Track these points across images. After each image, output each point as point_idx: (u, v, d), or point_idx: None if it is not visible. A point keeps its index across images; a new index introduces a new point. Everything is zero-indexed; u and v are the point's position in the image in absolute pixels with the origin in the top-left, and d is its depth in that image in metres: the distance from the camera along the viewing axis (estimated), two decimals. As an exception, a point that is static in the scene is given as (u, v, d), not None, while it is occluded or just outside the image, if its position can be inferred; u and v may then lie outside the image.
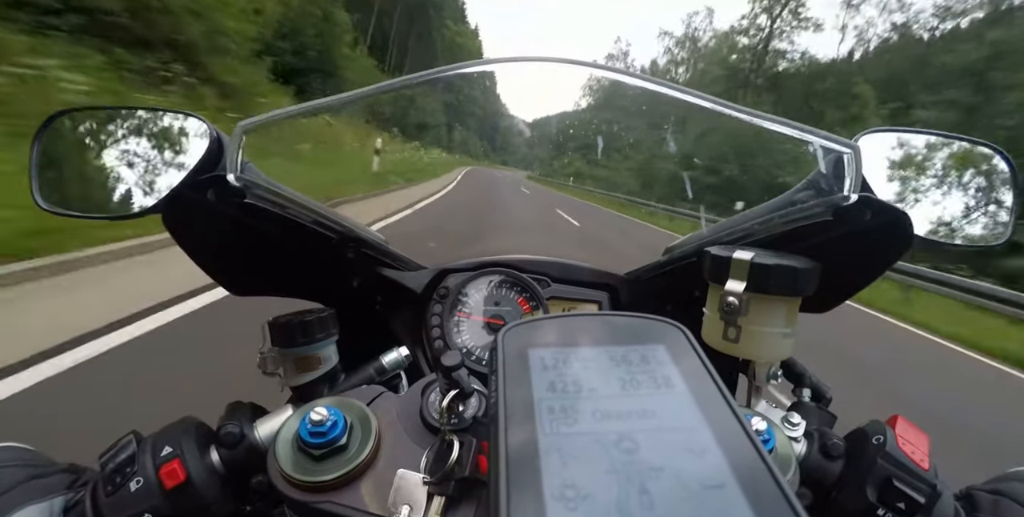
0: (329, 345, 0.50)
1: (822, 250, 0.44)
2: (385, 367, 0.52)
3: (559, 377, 0.24)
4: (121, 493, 0.36)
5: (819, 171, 0.47)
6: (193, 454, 0.39)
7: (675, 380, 0.24)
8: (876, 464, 0.41)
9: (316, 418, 0.35)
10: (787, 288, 0.42)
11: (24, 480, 0.37)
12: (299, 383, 0.48)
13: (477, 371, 0.66)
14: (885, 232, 0.44)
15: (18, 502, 0.35)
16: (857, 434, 0.45)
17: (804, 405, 0.52)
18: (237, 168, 0.42)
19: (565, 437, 0.21)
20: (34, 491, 0.36)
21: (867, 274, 0.49)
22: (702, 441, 0.21)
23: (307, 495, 0.34)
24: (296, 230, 0.52)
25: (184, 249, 0.48)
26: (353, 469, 0.35)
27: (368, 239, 0.61)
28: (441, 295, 0.72)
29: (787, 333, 0.43)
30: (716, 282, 0.44)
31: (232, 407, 0.45)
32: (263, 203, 0.45)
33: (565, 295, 0.75)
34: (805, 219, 0.46)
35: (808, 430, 0.45)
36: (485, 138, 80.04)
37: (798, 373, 0.54)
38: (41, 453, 0.42)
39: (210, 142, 0.46)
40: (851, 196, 0.42)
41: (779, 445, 0.42)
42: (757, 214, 0.52)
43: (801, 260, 0.42)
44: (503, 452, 0.20)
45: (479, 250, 0.81)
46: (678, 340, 0.27)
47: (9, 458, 0.39)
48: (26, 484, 0.36)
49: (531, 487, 0.18)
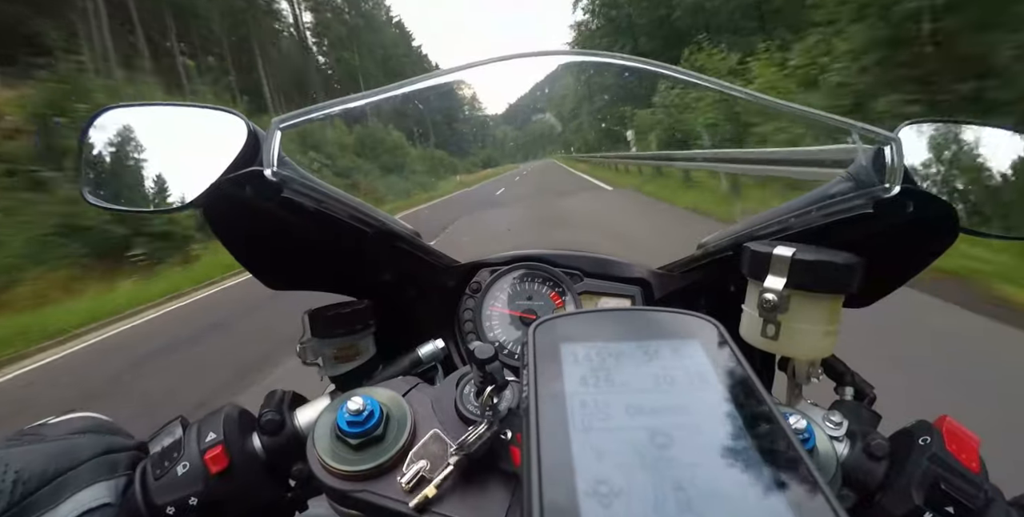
0: (367, 336, 0.51)
1: (862, 244, 0.43)
2: (421, 359, 0.52)
3: (591, 371, 0.24)
4: (169, 476, 0.38)
5: (859, 163, 0.45)
6: (236, 440, 0.40)
7: (709, 376, 0.24)
8: (923, 466, 0.39)
9: (353, 407, 0.36)
10: (830, 284, 0.40)
11: (99, 453, 0.38)
12: (338, 373, 0.50)
13: (510, 365, 0.66)
14: (928, 224, 0.42)
15: (88, 479, 0.37)
16: (902, 434, 0.43)
17: (846, 404, 0.51)
18: (274, 163, 0.43)
19: (598, 432, 0.21)
20: (104, 467, 0.38)
21: (910, 268, 0.47)
22: (737, 438, 0.20)
23: (345, 484, 0.35)
24: (332, 224, 0.53)
25: (223, 243, 0.50)
26: (388, 459, 0.35)
27: (402, 233, 0.62)
28: (473, 289, 0.73)
29: (829, 330, 0.42)
30: (755, 278, 0.43)
31: (272, 395, 0.47)
32: (300, 197, 0.46)
33: (597, 289, 0.75)
34: (845, 212, 0.44)
35: (851, 430, 0.44)
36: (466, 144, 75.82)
37: (840, 372, 0.53)
38: (116, 424, 0.43)
39: (247, 138, 0.47)
40: (893, 188, 0.40)
41: (820, 444, 0.41)
42: (794, 207, 0.51)
43: (844, 255, 0.40)
44: (535, 447, 0.20)
45: (512, 244, 0.83)
46: (712, 335, 0.26)
47: (87, 427, 0.41)
48: (99, 459, 0.38)
49: (564, 482, 0.19)
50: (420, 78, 0.47)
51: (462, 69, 0.47)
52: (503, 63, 0.46)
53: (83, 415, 0.42)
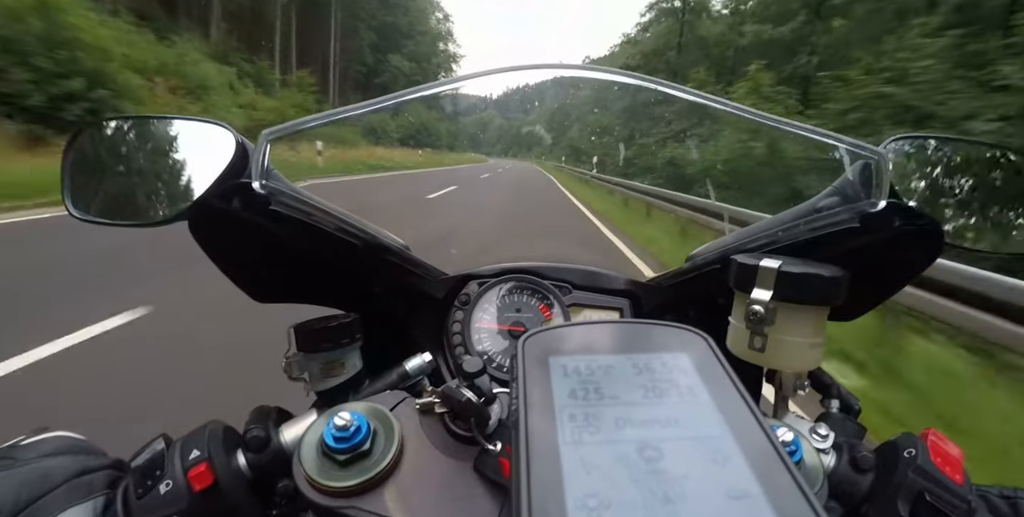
0: (354, 351, 0.50)
1: (849, 257, 0.43)
2: (408, 373, 0.52)
3: (580, 384, 0.24)
4: (152, 495, 0.37)
5: (845, 178, 0.46)
6: (221, 457, 0.40)
7: (698, 389, 0.24)
8: (908, 478, 0.40)
9: (340, 423, 0.36)
10: (816, 297, 0.41)
11: (73, 475, 0.37)
12: (324, 388, 0.49)
13: (498, 378, 0.66)
14: (914, 239, 0.43)
15: (62, 504, 0.35)
16: (888, 447, 0.44)
17: (832, 416, 0.51)
18: (262, 176, 0.43)
19: (587, 445, 0.21)
20: (79, 490, 0.37)
21: (896, 280, 0.48)
22: (726, 451, 0.20)
23: (332, 500, 0.35)
24: (320, 237, 0.52)
25: (210, 256, 0.49)
26: (376, 475, 0.35)
27: (391, 246, 0.62)
28: (462, 302, 0.72)
29: (815, 343, 0.42)
30: (742, 290, 0.43)
31: (257, 411, 0.46)
32: (288, 210, 0.46)
33: (586, 302, 0.75)
34: (831, 226, 0.45)
35: (837, 442, 0.44)
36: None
37: (826, 384, 0.53)
38: (90, 443, 0.42)
39: (235, 150, 0.47)
40: (879, 203, 0.41)
41: (806, 456, 0.41)
42: (781, 221, 0.52)
43: (830, 268, 0.41)
44: (524, 459, 0.20)
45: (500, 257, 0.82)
46: (701, 348, 0.27)
47: (60, 448, 0.39)
48: (73, 481, 0.37)
49: (553, 495, 0.18)
50: (415, 89, 0.47)
51: (458, 81, 0.48)
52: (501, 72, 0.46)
53: (56, 435, 0.41)
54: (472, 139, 69.91)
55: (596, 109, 33.59)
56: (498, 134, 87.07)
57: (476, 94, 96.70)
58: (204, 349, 2.99)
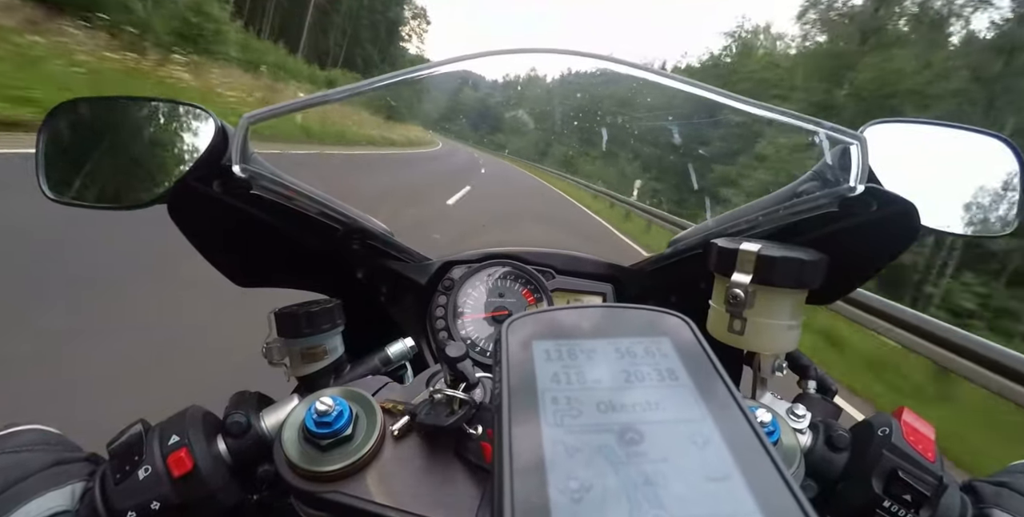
0: (335, 336, 0.50)
1: (828, 241, 0.44)
2: (391, 358, 0.52)
3: (563, 369, 0.24)
4: (130, 481, 0.37)
5: (825, 162, 0.46)
6: (200, 443, 0.39)
7: (679, 372, 0.24)
8: (882, 456, 0.41)
9: (322, 408, 0.35)
10: (794, 280, 0.41)
11: (48, 465, 0.37)
12: (305, 373, 0.49)
13: (481, 362, 0.66)
14: (892, 223, 0.43)
15: (39, 488, 0.35)
16: (862, 426, 0.45)
17: (809, 397, 0.52)
18: (242, 159, 0.42)
19: (569, 428, 0.21)
20: (56, 477, 0.37)
21: (873, 265, 0.49)
22: (706, 433, 0.20)
23: (313, 485, 0.35)
24: (302, 221, 0.52)
25: (190, 240, 0.48)
26: (358, 459, 0.35)
27: (373, 230, 0.61)
28: (446, 287, 0.72)
29: (792, 325, 0.43)
30: (722, 274, 0.44)
31: (238, 396, 0.45)
32: (269, 194, 0.45)
33: (570, 287, 0.75)
34: (811, 211, 0.46)
35: (813, 422, 0.45)
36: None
37: (803, 365, 0.54)
38: (66, 437, 0.42)
39: (215, 133, 0.46)
40: (857, 187, 0.42)
41: (784, 437, 0.42)
42: (762, 205, 0.52)
43: (808, 252, 0.42)
44: (506, 443, 0.20)
45: (484, 241, 0.82)
46: (683, 332, 0.27)
47: (35, 441, 0.39)
48: (49, 470, 0.37)
49: (535, 478, 0.19)
50: (399, 72, 0.46)
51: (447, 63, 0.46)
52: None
53: (30, 428, 0.40)
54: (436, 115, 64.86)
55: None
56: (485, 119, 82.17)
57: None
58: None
